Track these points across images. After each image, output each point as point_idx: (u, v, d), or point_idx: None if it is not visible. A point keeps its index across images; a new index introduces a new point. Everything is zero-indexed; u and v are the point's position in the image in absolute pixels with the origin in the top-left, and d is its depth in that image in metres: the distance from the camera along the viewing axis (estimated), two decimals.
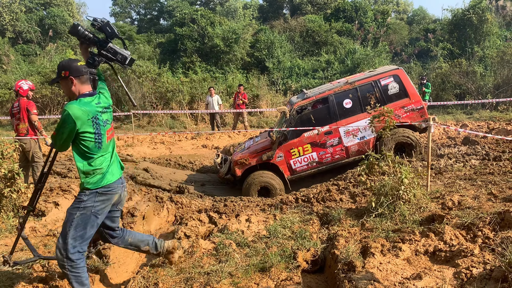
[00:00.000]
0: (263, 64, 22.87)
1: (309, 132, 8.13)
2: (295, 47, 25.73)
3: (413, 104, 8.01)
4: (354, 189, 6.45)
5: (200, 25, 23.97)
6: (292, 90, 20.45)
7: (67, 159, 9.85)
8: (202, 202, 7.33)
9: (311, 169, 8.29)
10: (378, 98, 8.03)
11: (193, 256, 4.15)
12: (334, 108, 8.13)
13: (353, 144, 8.13)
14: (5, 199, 5.32)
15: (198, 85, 19.27)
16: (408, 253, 3.99)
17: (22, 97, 6.54)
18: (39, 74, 18.88)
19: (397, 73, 8.09)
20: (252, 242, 4.56)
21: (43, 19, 33.79)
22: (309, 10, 31.76)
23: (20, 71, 21.36)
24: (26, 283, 3.57)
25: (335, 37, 25.88)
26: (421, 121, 7.93)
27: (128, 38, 30.70)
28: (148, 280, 3.57)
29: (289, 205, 6.17)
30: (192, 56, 23.56)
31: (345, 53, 22.91)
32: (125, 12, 43.24)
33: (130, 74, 17.68)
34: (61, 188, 6.32)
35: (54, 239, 4.80)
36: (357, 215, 5.34)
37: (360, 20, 27.46)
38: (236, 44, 23.08)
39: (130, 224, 4.91)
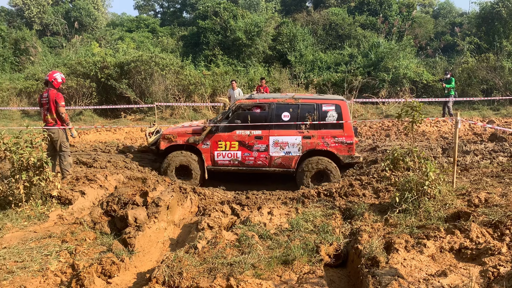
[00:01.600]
0: (285, 58, 22.74)
1: (241, 130, 8.20)
2: (318, 40, 25.49)
3: (344, 137, 8.08)
4: (378, 184, 6.39)
5: (222, 18, 23.97)
6: (314, 83, 20.29)
7: (92, 149, 10.05)
8: (224, 194, 7.39)
9: (231, 167, 8.36)
10: (314, 120, 8.13)
11: (216, 247, 4.19)
12: (272, 116, 8.20)
13: (277, 156, 8.19)
14: (34, 187, 5.46)
15: (220, 78, 19.32)
16: (433, 249, 3.95)
17: (53, 88, 6.68)
18: (65, 66, 19.22)
19: (339, 104, 8.16)
20: (274, 235, 4.58)
21: (69, 12, 34.37)
22: (332, 3, 31.39)
23: (46, 62, 21.80)
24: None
25: (358, 30, 25.54)
26: (345, 156, 8.09)
27: (151, 31, 30.99)
28: (173, 269, 3.63)
29: (311, 199, 6.16)
30: (214, 49, 23.61)
31: (369, 47, 22.57)
32: (148, 5, 43.58)
33: (154, 67, 17.84)
34: (87, 178, 6.45)
35: (80, 227, 4.92)
36: (380, 210, 5.30)
37: (384, 13, 26.99)
38: (258, 37, 23.01)
39: (154, 214, 4.99)
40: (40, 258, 4.03)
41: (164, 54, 20.28)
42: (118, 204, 5.27)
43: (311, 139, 8.09)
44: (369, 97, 17.57)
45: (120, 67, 18.33)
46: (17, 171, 5.33)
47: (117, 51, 22.17)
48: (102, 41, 27.14)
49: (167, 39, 27.57)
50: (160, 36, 29.24)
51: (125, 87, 17.54)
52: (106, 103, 17.94)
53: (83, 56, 21.14)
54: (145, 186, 6.23)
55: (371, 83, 19.32)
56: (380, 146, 9.95)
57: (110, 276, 3.77)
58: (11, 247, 4.24)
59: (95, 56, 20.66)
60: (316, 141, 8.08)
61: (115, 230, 4.99)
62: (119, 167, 7.74)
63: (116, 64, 18.45)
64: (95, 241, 4.64)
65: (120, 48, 22.65)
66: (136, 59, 18.17)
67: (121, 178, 6.89)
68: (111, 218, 5.16)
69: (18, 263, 3.91)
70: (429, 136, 11.34)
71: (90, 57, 20.39)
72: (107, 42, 27.17)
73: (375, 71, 19.96)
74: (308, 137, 8.09)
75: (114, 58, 19.25)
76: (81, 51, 23.18)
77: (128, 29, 32.01)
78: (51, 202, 5.54)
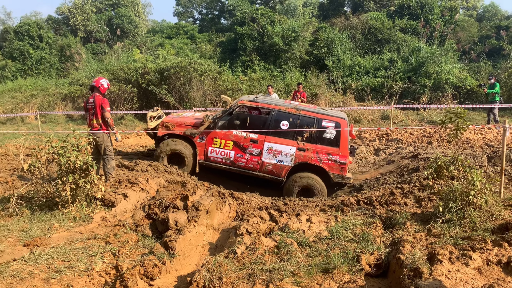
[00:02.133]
0: (322, 62, 22.58)
1: (238, 131, 8.28)
2: (356, 45, 25.17)
3: (339, 156, 8.07)
4: (420, 193, 6.22)
5: (260, 24, 24.12)
6: (352, 89, 20.03)
7: (134, 153, 10.32)
8: (261, 199, 7.40)
9: (223, 165, 8.43)
10: (312, 134, 8.14)
11: (255, 252, 4.20)
12: (271, 123, 8.22)
13: (269, 163, 8.22)
14: (79, 189, 5.66)
15: (257, 83, 19.43)
16: (479, 262, 3.81)
17: (99, 93, 6.92)
18: (108, 72, 19.87)
19: (339, 122, 8.16)
20: (313, 243, 4.54)
21: (111, 19, 35.58)
22: (371, 7, 30.97)
23: (90, 68, 22.61)
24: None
25: (398, 34, 25.03)
26: (336, 174, 8.10)
27: (190, 38, 31.58)
28: (213, 274, 3.66)
29: (350, 207, 6.07)
30: (251, 54, 23.78)
31: (409, 52, 22.06)
32: (187, 12, 44.50)
33: (193, 73, 18.16)
34: (129, 181, 6.62)
35: (123, 229, 5.05)
36: (422, 220, 5.16)
37: (425, 17, 26.34)
38: (295, 42, 22.98)
39: (194, 217, 5.06)
40: (85, 258, 4.16)
41: (202, 60, 20.62)
42: (159, 207, 5.38)
43: (305, 152, 8.11)
44: (409, 102, 17.18)
45: (160, 73, 18.77)
46: (64, 174, 5.53)
47: (157, 57, 22.70)
48: (143, 48, 27.89)
49: (205, 45, 28.02)
50: (199, 42, 29.76)
51: (165, 93, 17.92)
52: (147, 108, 18.38)
53: (125, 62, 21.78)
54: (185, 190, 6.33)
55: (412, 89, 18.87)
56: (421, 153, 9.69)
57: (152, 279, 3.85)
58: (59, 247, 4.40)
59: (136, 62, 21.24)
60: (309, 155, 8.09)
61: (156, 233, 5.09)
62: (160, 171, 7.90)
63: (157, 70, 18.90)
64: (137, 243, 4.76)
65: (160, 55, 23.18)
66: (175, 65, 18.56)
67: (162, 182, 7.03)
68: (153, 221, 5.27)
69: (65, 262, 4.05)
70: (473, 144, 10.94)
71: (131, 63, 20.98)
72: (148, 49, 27.90)
73: (416, 76, 19.48)
74: (303, 150, 8.11)
75: (155, 64, 19.72)
76: (123, 57, 23.90)
77: (167, 35, 32.77)
78: (95, 204, 5.72)
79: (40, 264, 3.97)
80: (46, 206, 5.65)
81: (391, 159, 10.29)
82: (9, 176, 7.56)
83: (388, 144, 12.12)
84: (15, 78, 25.86)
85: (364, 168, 10.42)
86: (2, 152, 11.02)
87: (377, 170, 9.82)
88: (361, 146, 11.99)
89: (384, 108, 16.78)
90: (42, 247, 4.39)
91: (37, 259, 4.06)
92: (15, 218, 5.31)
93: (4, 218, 5.33)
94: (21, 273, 3.74)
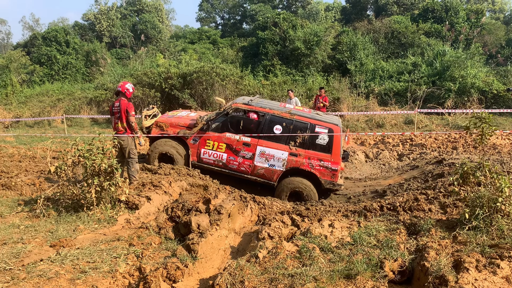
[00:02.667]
0: (345, 67, 22.44)
1: (231, 134, 8.33)
2: (379, 49, 24.93)
3: (330, 162, 8.08)
4: (445, 199, 6.10)
5: (282, 29, 24.16)
6: (375, 93, 19.81)
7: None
8: (283, 204, 7.38)
9: (215, 167, 8.49)
10: (305, 139, 8.15)
11: (277, 257, 4.19)
12: (264, 126, 8.26)
13: (261, 167, 8.26)
14: (104, 192, 5.76)
15: (278, 87, 19.44)
16: (508, 271, 3.70)
17: (124, 97, 7.05)
18: (132, 76, 20.22)
19: (333, 128, 8.15)
20: (335, 248, 4.50)
21: (135, 25, 36.25)
22: (395, 10, 30.69)
23: (114, 73, 23.05)
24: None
25: (422, 38, 24.69)
26: (327, 180, 8.14)
27: (212, 42, 31.86)
28: (235, 278, 3.67)
29: (373, 213, 6.00)
30: (273, 59, 23.83)
31: (434, 56, 21.70)
32: (210, 17, 44.95)
33: (215, 77, 18.30)
34: (153, 184, 6.71)
35: (146, 231, 5.11)
36: (447, 226, 5.04)
37: (450, 20, 25.92)
38: (317, 46, 22.93)
39: (216, 221, 5.08)
40: (109, 260, 4.23)
41: (224, 65, 20.77)
42: (182, 210, 5.43)
43: (297, 157, 8.12)
44: (434, 107, 16.89)
45: (183, 77, 18.98)
46: (89, 176, 5.64)
47: (180, 62, 23.00)
48: (166, 53, 28.30)
49: (227, 50, 28.24)
50: (221, 47, 30.02)
51: (188, 97, 18.12)
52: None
53: (148, 67, 22.14)
54: (207, 193, 6.37)
55: (436, 93, 18.54)
56: (447, 159, 9.51)
57: (174, 281, 3.88)
58: (84, 248, 4.49)
59: (159, 67, 21.56)
60: (301, 160, 8.10)
61: (179, 236, 5.13)
62: (182, 174, 7.98)
63: (179, 75, 19.13)
64: (160, 245, 4.81)
65: (183, 59, 23.47)
66: (198, 70, 18.75)
67: (184, 185, 7.10)
68: (175, 223, 5.32)
69: (90, 263, 4.12)
70: (501, 150, 10.67)
71: (155, 68, 21.31)
72: (171, 54, 28.29)
73: (440, 81, 19.14)
74: (295, 155, 8.12)
75: (177, 69, 19.97)
76: (146, 62, 24.29)
77: (190, 40, 33.17)
78: (119, 207, 5.81)
79: (66, 264, 4.05)
80: (72, 207, 5.77)
81: (415, 165, 10.13)
82: (37, 178, 7.76)
83: (412, 149, 11.93)
84: (42, 83, 26.61)
85: (387, 173, 10.28)
86: (30, 154, 11.34)
87: (400, 176, 9.68)
88: (384, 151, 11.84)
89: (407, 112, 16.53)
90: (68, 248, 4.48)
91: (63, 260, 4.14)
92: (42, 219, 5.44)
93: (32, 219, 5.47)
94: (48, 273, 3.82)
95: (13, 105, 21.36)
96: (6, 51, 44.89)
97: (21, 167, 9.21)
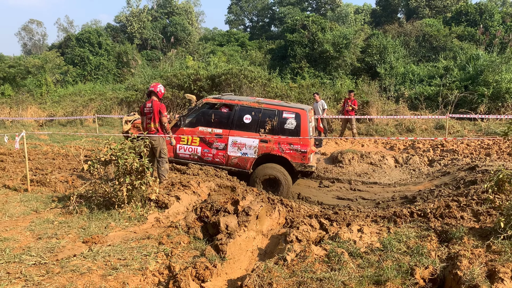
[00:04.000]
0: (374, 70, 22.16)
1: (203, 127, 8.67)
2: (410, 52, 24.51)
3: (299, 145, 8.30)
4: (478, 207, 5.93)
5: (310, 31, 24.07)
6: (405, 97, 19.46)
7: None
8: (310, 207, 7.35)
9: (191, 161, 8.73)
10: (273, 126, 8.41)
11: (305, 260, 4.17)
12: (234, 117, 8.60)
13: (234, 156, 8.55)
14: (135, 190, 5.88)
15: (306, 90, 19.36)
16: None
17: (157, 98, 7.18)
18: (161, 78, 20.56)
19: (299, 113, 8.41)
20: (364, 253, 4.44)
21: (166, 27, 36.84)
22: (426, 13, 30.12)
23: (145, 74, 23.50)
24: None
25: (455, 42, 24.12)
26: (298, 163, 8.34)
27: (241, 45, 32.05)
28: (263, 279, 3.68)
29: (403, 219, 5.89)
30: (301, 61, 23.77)
31: (467, 59, 21.15)
32: (239, 19, 45.23)
33: (243, 79, 18.40)
34: (182, 184, 6.80)
35: (176, 230, 5.18)
36: (481, 235, 4.91)
37: (485, 23, 25.23)
38: (346, 49, 22.73)
39: (244, 222, 5.11)
40: (140, 257, 4.31)
41: (252, 67, 20.86)
42: (210, 211, 5.48)
43: (267, 143, 8.35)
44: (466, 112, 16.44)
45: (211, 79, 19.17)
46: (121, 175, 5.77)
47: (209, 64, 23.24)
48: (195, 55, 28.66)
49: (255, 53, 28.34)
50: (249, 49, 30.15)
51: None
52: None
53: (178, 69, 22.46)
54: (235, 195, 6.41)
55: (469, 98, 18.05)
56: (479, 165, 9.24)
57: (203, 281, 3.91)
58: (115, 245, 4.59)
59: (188, 69, 21.84)
60: (271, 146, 8.32)
61: (207, 236, 5.18)
62: (210, 175, 8.06)
63: (208, 77, 19.32)
64: (189, 245, 4.86)
65: (212, 62, 23.71)
66: (226, 72, 18.90)
67: (212, 186, 7.16)
68: (204, 223, 5.37)
69: (121, 260, 4.21)
70: None
71: (184, 69, 21.60)
72: (200, 56, 28.63)
73: (473, 85, 18.63)
74: (265, 141, 8.36)
75: (206, 71, 20.18)
76: (176, 64, 24.65)
77: (219, 43, 33.48)
78: (149, 205, 5.92)
79: (97, 261, 4.15)
80: (103, 205, 5.92)
81: (446, 171, 9.89)
82: (69, 176, 8.00)
83: (443, 155, 11.66)
84: (75, 83, 27.38)
85: (417, 179, 10.07)
86: (63, 152, 11.67)
87: (431, 182, 9.47)
88: (414, 156, 11.61)
89: (438, 117, 16.16)
90: (100, 244, 4.59)
91: (95, 256, 4.25)
92: (74, 216, 5.60)
93: (65, 215, 5.64)
94: (80, 269, 3.93)
95: (47, 104, 22.08)
96: (41, 52, 46.43)
97: (54, 164, 9.51)
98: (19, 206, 6.11)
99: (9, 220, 5.47)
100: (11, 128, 18.11)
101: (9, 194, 6.81)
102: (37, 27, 64.90)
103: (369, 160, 11.31)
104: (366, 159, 11.36)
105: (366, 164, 11.22)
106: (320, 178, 10.32)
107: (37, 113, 20.47)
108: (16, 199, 6.45)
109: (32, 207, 6.07)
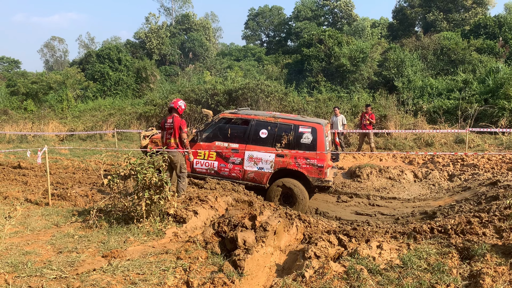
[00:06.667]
0: (392, 83, 22.04)
1: (220, 142, 8.70)
2: (428, 65, 24.33)
3: (316, 160, 8.23)
4: (500, 223, 5.80)
5: (327, 45, 24.15)
6: (423, 111, 19.26)
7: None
8: (328, 223, 7.29)
9: (208, 175, 8.76)
10: (289, 140, 8.38)
11: (324, 277, 4.14)
12: (251, 132, 8.60)
13: (251, 170, 8.52)
14: (153, 205, 5.93)
15: (323, 104, 19.35)
16: None
17: (177, 114, 7.28)
18: (179, 93, 20.85)
19: (315, 127, 8.38)
20: (384, 270, 4.38)
21: (184, 43, 37.42)
22: (444, 27, 29.95)
23: (163, 89, 23.84)
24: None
25: (474, 55, 23.87)
26: (315, 178, 8.25)
27: (257, 60, 32.32)
28: None
29: (423, 235, 5.79)
30: (317, 75, 23.83)
31: (486, 73, 20.88)
32: (255, 35, 45.65)
33: (259, 94, 18.51)
34: (199, 198, 6.82)
35: (193, 245, 5.19)
36: (504, 252, 4.79)
37: (504, 36, 24.93)
38: (363, 63, 22.73)
39: (262, 238, 5.09)
40: (158, 272, 4.32)
41: (269, 82, 21.00)
42: (228, 226, 5.48)
43: (284, 157, 8.30)
44: (486, 126, 16.16)
45: (228, 94, 19.34)
46: (140, 189, 5.82)
47: (226, 79, 23.47)
48: (212, 70, 29.00)
49: (272, 67, 28.55)
50: (266, 64, 30.37)
51: None
52: None
53: (195, 84, 22.74)
54: (252, 210, 6.40)
55: (489, 111, 17.76)
56: (501, 180, 9.05)
57: None
58: (134, 260, 4.62)
59: (206, 83, 22.09)
60: (288, 160, 8.27)
61: (225, 251, 5.18)
62: (227, 189, 8.07)
63: (225, 91, 19.51)
64: (206, 260, 4.86)
65: (229, 76, 23.95)
66: (243, 86, 19.06)
67: (230, 200, 7.17)
68: (221, 238, 5.37)
69: (140, 275, 4.23)
70: None
71: (202, 84, 21.85)
72: (217, 71, 28.96)
73: (493, 98, 18.34)
74: (281, 156, 8.31)
75: (223, 85, 20.38)
76: (194, 79, 25.00)
77: (236, 58, 33.84)
78: (167, 220, 5.95)
79: (117, 275, 4.18)
80: (123, 219, 5.97)
81: (466, 186, 9.71)
82: (89, 190, 8.11)
83: (463, 170, 11.45)
84: (95, 98, 27.91)
85: (437, 194, 9.91)
86: (83, 167, 11.87)
87: (451, 197, 9.31)
88: (434, 171, 11.44)
89: (458, 131, 15.92)
90: (119, 259, 4.62)
91: (114, 270, 4.28)
92: (94, 230, 5.66)
93: (85, 229, 5.71)
94: (100, 283, 3.96)
95: (68, 119, 22.54)
96: (63, 68, 47.57)
97: (75, 178, 9.67)
98: (40, 220, 6.22)
99: (31, 234, 5.56)
100: (33, 143, 18.52)
101: (31, 208, 6.94)
102: (59, 44, 66.63)
103: (387, 175, 11.19)
104: (385, 174, 11.24)
105: (385, 179, 11.09)
106: (338, 193, 10.25)
107: (58, 127, 20.91)
108: (38, 213, 6.57)
109: (53, 221, 6.16)
